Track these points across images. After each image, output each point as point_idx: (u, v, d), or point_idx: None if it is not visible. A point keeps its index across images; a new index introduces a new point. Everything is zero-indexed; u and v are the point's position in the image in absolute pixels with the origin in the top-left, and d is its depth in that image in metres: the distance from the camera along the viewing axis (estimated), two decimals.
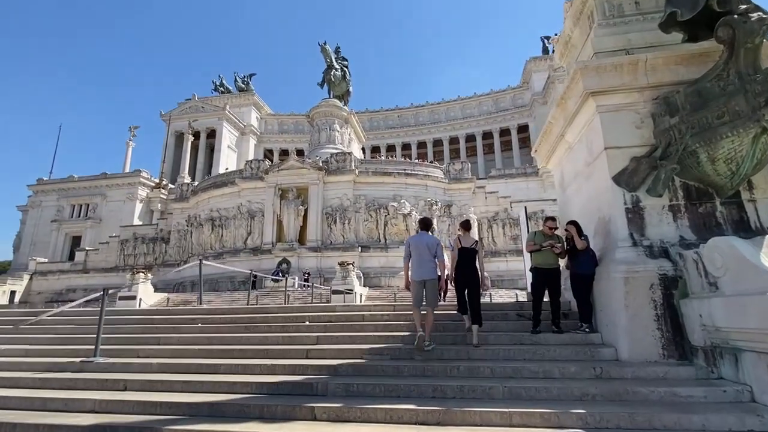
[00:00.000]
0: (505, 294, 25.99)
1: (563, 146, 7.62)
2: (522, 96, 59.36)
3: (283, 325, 6.77)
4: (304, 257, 29.18)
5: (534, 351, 5.38)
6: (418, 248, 6.17)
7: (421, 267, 6.07)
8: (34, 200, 47.10)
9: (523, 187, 42.28)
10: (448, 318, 6.77)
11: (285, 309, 7.61)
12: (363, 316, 6.87)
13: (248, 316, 7.30)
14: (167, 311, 7.82)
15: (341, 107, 37.50)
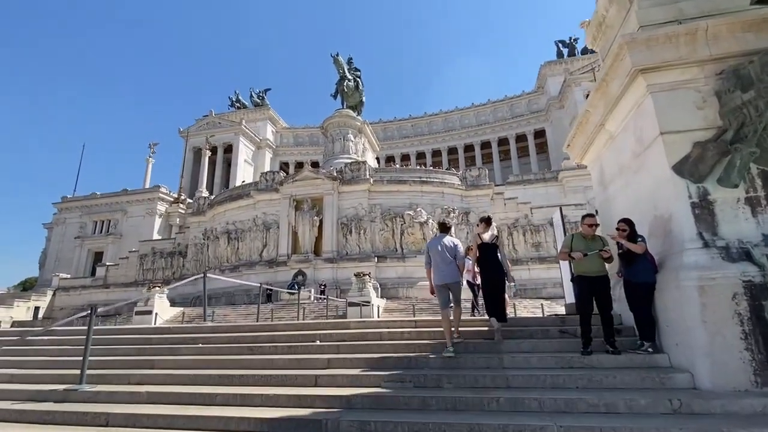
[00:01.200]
0: (530, 304, 24.68)
1: (603, 137, 6.66)
2: (537, 101, 58.13)
3: (291, 345, 5.93)
4: (320, 269, 28.47)
5: (588, 377, 4.39)
6: (437, 251, 6.02)
7: (442, 270, 5.93)
8: (58, 218, 47.91)
9: (542, 192, 40.86)
10: (478, 336, 5.83)
11: (293, 326, 6.78)
12: (381, 334, 5.99)
13: (252, 335, 6.49)
14: (167, 330, 7.08)
15: (354, 117, 37.08)
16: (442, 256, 5.99)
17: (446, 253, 6.00)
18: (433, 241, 6.28)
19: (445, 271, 5.91)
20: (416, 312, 21.99)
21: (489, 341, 5.51)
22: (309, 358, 5.46)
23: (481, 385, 4.49)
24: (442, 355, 5.27)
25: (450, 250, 6.07)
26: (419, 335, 5.97)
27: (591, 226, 5.66)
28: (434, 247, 6.10)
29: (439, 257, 6.00)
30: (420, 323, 6.43)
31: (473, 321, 6.36)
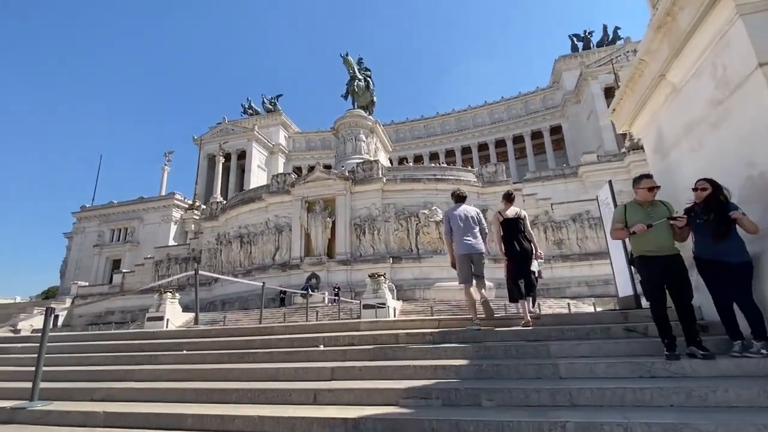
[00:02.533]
0: (555, 304, 23.08)
1: (663, 92, 5.42)
2: (552, 96, 56.32)
3: (289, 351, 4.83)
4: (334, 271, 27.42)
5: (686, 391, 3.14)
6: (459, 219, 5.74)
7: (465, 239, 5.65)
8: (78, 227, 48.19)
9: (561, 189, 39.13)
10: (518, 337, 4.62)
11: (294, 329, 5.67)
12: (397, 336, 4.85)
13: (246, 340, 5.40)
14: (151, 335, 6.08)
15: (366, 117, 36.12)
16: (465, 223, 5.71)
17: (469, 221, 5.75)
18: (452, 209, 6.00)
19: (469, 240, 5.61)
20: (435, 313, 20.74)
21: (535, 344, 4.29)
22: (309, 368, 4.33)
23: (534, 402, 3.29)
24: (467, 328, 4.92)
25: (473, 218, 5.83)
26: (444, 337, 4.79)
27: (651, 190, 4.37)
28: (455, 215, 5.81)
29: (462, 226, 5.68)
30: (444, 323, 5.25)
31: (515, 318, 5.15)
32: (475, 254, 5.62)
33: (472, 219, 5.82)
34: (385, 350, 4.45)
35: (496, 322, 5.21)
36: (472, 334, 4.55)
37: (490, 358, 4.11)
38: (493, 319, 5.47)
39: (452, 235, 5.82)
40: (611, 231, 4.39)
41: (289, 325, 5.54)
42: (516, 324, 5.01)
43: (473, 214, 5.91)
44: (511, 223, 5.83)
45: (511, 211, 5.96)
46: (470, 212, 5.90)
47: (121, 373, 4.83)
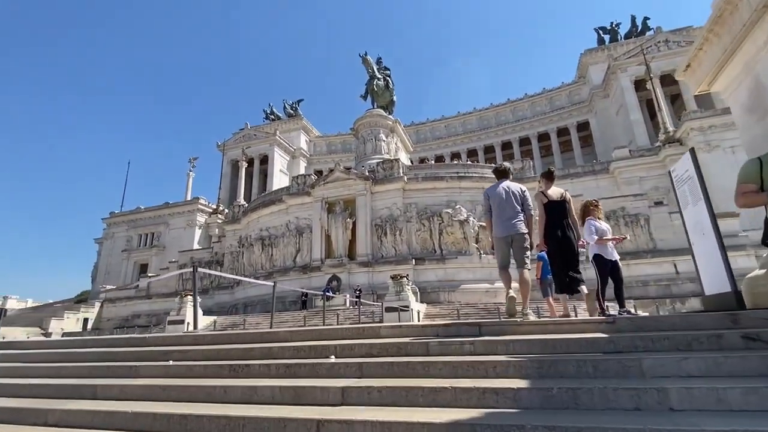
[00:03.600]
0: None
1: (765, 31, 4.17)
2: (579, 92, 53.99)
3: (291, 364, 3.80)
4: (355, 273, 26.49)
5: None
6: (499, 198, 5.05)
7: (505, 220, 4.98)
8: (107, 232, 49.15)
9: (592, 186, 37.01)
10: (594, 349, 3.44)
11: (301, 335, 4.65)
12: (427, 345, 3.75)
13: (244, 348, 4.41)
14: (140, 341, 5.18)
15: (386, 116, 35.21)
16: (508, 201, 4.98)
17: (511, 199, 5.00)
18: (493, 187, 5.24)
19: (509, 221, 4.92)
20: (461, 317, 19.50)
21: (618, 357, 3.11)
22: (314, 387, 3.28)
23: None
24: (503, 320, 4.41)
25: (516, 196, 5.04)
26: (488, 346, 3.66)
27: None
28: (496, 193, 5.08)
29: (502, 205, 4.98)
30: (486, 329, 4.11)
31: (587, 321, 3.96)
32: (515, 236, 4.90)
33: (514, 196, 5.02)
34: (414, 365, 3.35)
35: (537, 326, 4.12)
36: (528, 346, 3.40)
37: (557, 376, 2.96)
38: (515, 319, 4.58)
39: (491, 215, 5.13)
40: (736, 196, 3.14)
41: (296, 330, 4.50)
42: (568, 331, 3.82)
43: (516, 191, 5.07)
44: (556, 206, 5.14)
45: (554, 191, 5.25)
46: (513, 189, 5.08)
47: (88, 389, 3.92)
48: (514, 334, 3.83)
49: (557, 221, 5.10)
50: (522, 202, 5.04)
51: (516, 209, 4.97)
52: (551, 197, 5.22)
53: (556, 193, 5.30)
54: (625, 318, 3.83)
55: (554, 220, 5.12)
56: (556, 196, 5.23)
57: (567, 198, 5.29)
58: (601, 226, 5.41)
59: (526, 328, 3.91)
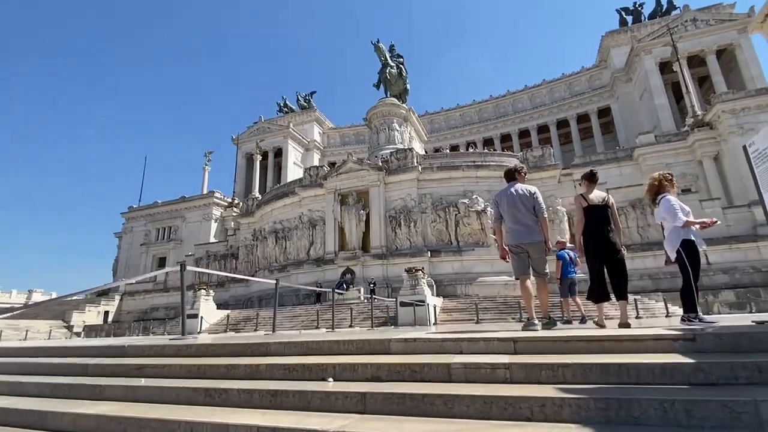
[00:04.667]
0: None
1: None
2: (600, 76, 51.63)
3: (276, 391, 3.02)
4: (369, 266, 25.79)
5: None
6: (509, 204, 4.76)
7: (518, 228, 4.69)
8: (126, 227, 49.67)
9: (615, 173, 35.25)
10: (674, 380, 2.56)
11: (296, 347, 3.88)
12: (449, 368, 2.95)
13: (227, 365, 3.67)
14: (120, 350, 4.49)
15: (399, 105, 34.12)
16: (519, 208, 4.67)
17: (520, 204, 4.69)
18: (502, 192, 4.92)
19: (520, 227, 4.64)
20: (480, 312, 18.60)
21: (715, 395, 2.22)
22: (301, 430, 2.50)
23: None
24: (524, 329, 4.01)
25: (526, 199, 4.71)
26: (530, 372, 2.80)
27: None
28: (505, 198, 4.78)
29: (512, 210, 4.69)
30: (522, 345, 3.25)
31: (657, 338, 3.04)
32: (531, 245, 4.62)
33: (525, 200, 4.68)
34: (432, 399, 2.52)
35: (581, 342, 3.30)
36: (583, 372, 2.53)
37: (633, 424, 2.11)
38: None
39: (500, 222, 4.87)
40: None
41: (291, 342, 3.74)
42: (632, 350, 2.94)
43: (526, 194, 4.73)
44: (597, 210, 4.65)
45: (596, 195, 4.77)
46: (521, 192, 4.74)
47: (37, 417, 3.23)
48: (561, 354, 2.95)
49: (599, 227, 4.60)
50: (533, 205, 4.70)
51: (529, 215, 4.66)
52: (592, 201, 4.70)
53: (598, 197, 4.78)
54: (709, 333, 2.89)
55: (596, 226, 4.62)
56: (597, 200, 4.72)
57: (610, 203, 4.75)
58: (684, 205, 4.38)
59: (576, 345, 3.03)
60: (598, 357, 2.82)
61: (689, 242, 4.14)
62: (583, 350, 3.02)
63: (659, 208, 4.31)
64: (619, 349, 2.95)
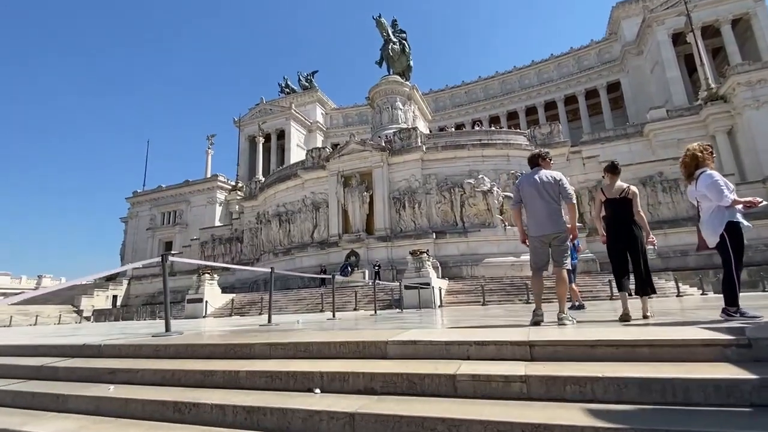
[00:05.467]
0: None
1: None
2: (609, 49, 49.70)
3: (252, 408, 2.59)
4: (373, 248, 25.43)
5: None
6: (531, 192, 4.34)
7: (541, 217, 4.27)
8: (132, 212, 49.63)
9: (624, 150, 34.24)
10: (729, 397, 2.07)
11: (283, 349, 3.44)
12: (454, 380, 2.50)
13: (203, 372, 3.24)
14: (88, 350, 4.11)
15: (402, 82, 33.06)
16: (541, 196, 4.30)
17: (545, 193, 4.30)
18: (525, 177, 4.58)
19: (544, 218, 4.28)
20: (486, 293, 18.21)
21: None
22: None
23: None
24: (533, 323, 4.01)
25: (550, 187, 4.32)
26: (551, 386, 2.33)
27: None
28: (527, 185, 4.41)
29: (535, 200, 4.31)
30: (540, 350, 2.77)
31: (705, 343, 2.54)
32: (554, 236, 4.27)
33: (546, 188, 4.29)
34: (433, 423, 2.07)
35: None
36: (617, 388, 2.05)
37: None
38: None
39: (519, 207, 4.57)
40: None
41: (277, 343, 3.31)
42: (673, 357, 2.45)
43: (549, 181, 4.32)
44: (616, 204, 4.54)
45: (616, 188, 4.64)
46: (546, 179, 4.33)
47: None
48: (587, 362, 2.48)
49: (621, 220, 4.50)
50: (558, 193, 4.31)
51: (553, 204, 4.29)
52: (609, 194, 4.63)
53: (617, 189, 4.61)
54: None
55: (617, 218, 4.53)
56: (615, 194, 4.58)
57: (629, 194, 4.58)
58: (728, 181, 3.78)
59: (605, 351, 2.54)
60: (634, 368, 2.34)
61: (735, 225, 3.57)
62: (614, 357, 2.55)
63: (699, 183, 3.71)
64: (657, 357, 2.47)
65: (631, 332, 2.89)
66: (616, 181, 4.71)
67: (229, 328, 6.10)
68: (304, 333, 4.03)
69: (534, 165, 4.59)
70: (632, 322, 4.17)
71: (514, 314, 7.80)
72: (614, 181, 4.71)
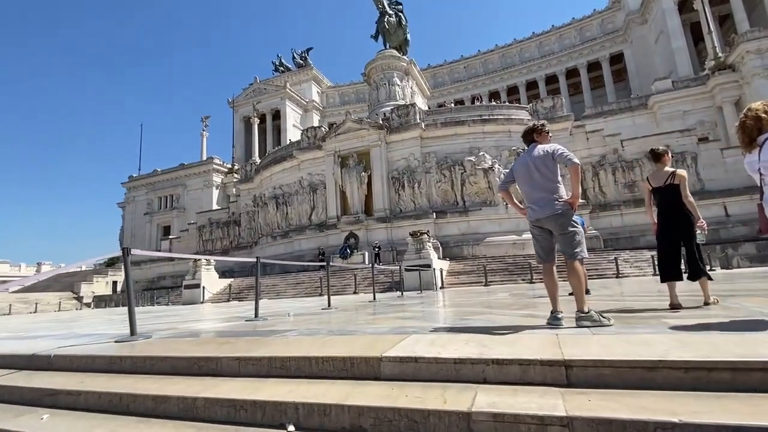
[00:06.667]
0: (631, 257, 19.15)
1: None
2: (612, 19, 47.78)
3: None
4: (373, 229, 24.79)
5: None
6: (523, 170, 3.61)
7: (531, 199, 3.59)
8: (128, 196, 48.85)
9: (628, 123, 33.21)
10: None
11: (253, 364, 2.81)
12: (468, 421, 1.89)
13: (154, 398, 2.62)
14: (46, 363, 3.48)
15: (399, 57, 31.68)
16: (531, 176, 3.55)
17: (535, 171, 3.52)
18: (518, 160, 3.81)
19: (536, 202, 3.53)
20: (488, 273, 17.68)
21: None
22: None
23: None
24: (547, 323, 3.29)
25: (541, 162, 3.50)
26: (591, 428, 1.68)
27: None
28: (520, 164, 3.71)
29: (527, 183, 3.60)
30: (580, 373, 2.11)
31: None
32: (552, 218, 3.45)
33: (538, 166, 3.51)
34: None
35: None
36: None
37: None
38: None
39: (507, 188, 3.83)
40: None
41: (249, 357, 2.65)
42: None
43: (539, 156, 3.53)
44: (663, 191, 4.34)
45: (661, 175, 4.41)
46: (537, 154, 3.55)
47: None
48: (646, 390, 1.82)
49: (671, 207, 4.27)
50: (554, 163, 3.49)
51: (546, 182, 3.49)
52: (655, 183, 4.39)
53: (663, 176, 4.35)
54: None
55: (667, 206, 4.30)
56: (661, 182, 4.35)
57: (676, 179, 4.28)
58: None
59: (668, 375, 1.88)
60: (717, 402, 1.68)
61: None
62: (682, 385, 1.90)
63: (763, 151, 2.96)
64: (744, 385, 1.81)
65: (699, 346, 2.22)
66: (662, 168, 4.44)
67: (211, 326, 5.49)
68: (285, 341, 3.38)
69: (530, 141, 3.81)
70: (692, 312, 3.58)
71: (522, 298, 7.20)
72: (660, 169, 4.46)
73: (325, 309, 7.69)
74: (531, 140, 3.78)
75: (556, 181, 3.51)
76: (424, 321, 4.30)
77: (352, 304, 9.17)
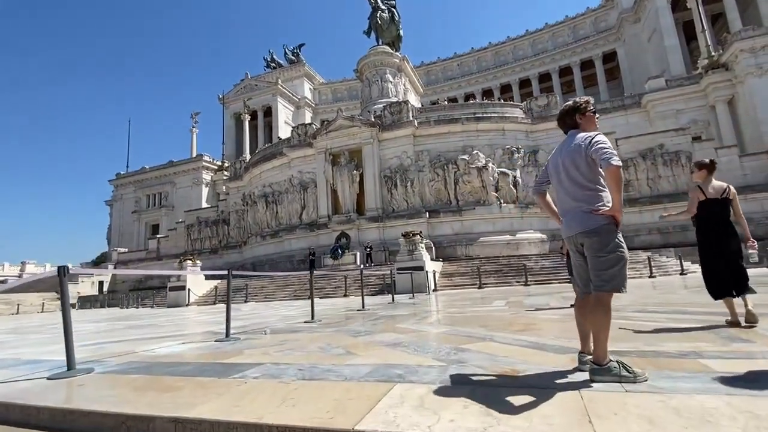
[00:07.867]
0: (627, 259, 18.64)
1: None
2: (606, 18, 47.45)
3: None
4: (365, 229, 24.14)
5: None
6: (554, 170, 2.63)
7: (563, 208, 2.60)
8: (116, 194, 47.66)
9: (621, 122, 32.88)
10: None
11: (189, 429, 2.18)
12: None
13: None
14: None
15: (392, 53, 30.97)
16: (558, 174, 2.58)
17: (566, 169, 2.50)
18: (554, 152, 2.71)
19: (567, 209, 2.54)
20: (482, 275, 17.14)
21: None
22: None
23: None
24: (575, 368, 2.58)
25: (577, 156, 2.43)
26: None
27: None
28: (552, 159, 2.68)
29: (561, 178, 2.55)
30: None
31: None
32: (585, 235, 2.42)
33: (569, 162, 2.49)
34: None
35: None
36: None
37: None
38: None
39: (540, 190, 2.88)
40: None
41: (188, 420, 1.94)
42: None
43: (573, 148, 2.48)
44: (713, 205, 4.05)
45: (715, 187, 4.09)
46: (573, 145, 2.49)
47: None
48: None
49: (721, 222, 4.07)
50: (586, 157, 2.40)
51: (576, 188, 2.47)
52: (710, 194, 4.08)
53: (718, 189, 4.09)
54: None
55: (716, 220, 4.08)
56: (716, 194, 4.08)
57: (730, 195, 4.09)
58: None
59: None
60: None
61: None
62: None
63: None
64: None
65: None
66: (711, 178, 4.20)
67: (175, 348, 4.82)
68: (240, 389, 2.73)
69: (569, 127, 2.67)
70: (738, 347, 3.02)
71: (520, 310, 6.64)
72: (709, 179, 4.21)
73: (307, 322, 7.05)
74: (572, 125, 2.64)
75: (589, 187, 2.46)
76: (414, 351, 3.67)
77: (338, 314, 8.54)
